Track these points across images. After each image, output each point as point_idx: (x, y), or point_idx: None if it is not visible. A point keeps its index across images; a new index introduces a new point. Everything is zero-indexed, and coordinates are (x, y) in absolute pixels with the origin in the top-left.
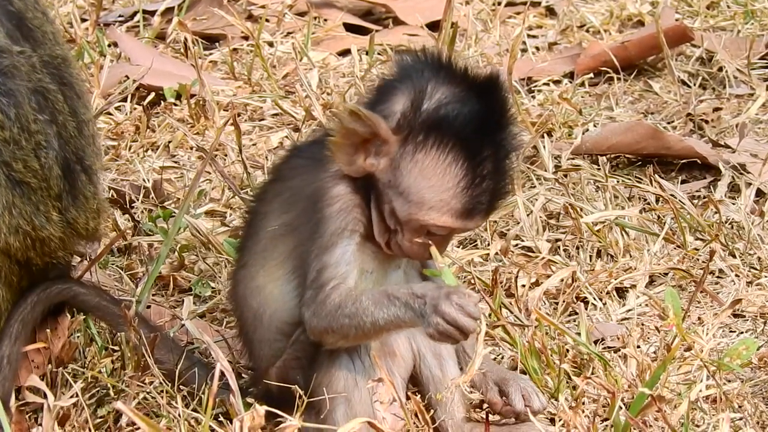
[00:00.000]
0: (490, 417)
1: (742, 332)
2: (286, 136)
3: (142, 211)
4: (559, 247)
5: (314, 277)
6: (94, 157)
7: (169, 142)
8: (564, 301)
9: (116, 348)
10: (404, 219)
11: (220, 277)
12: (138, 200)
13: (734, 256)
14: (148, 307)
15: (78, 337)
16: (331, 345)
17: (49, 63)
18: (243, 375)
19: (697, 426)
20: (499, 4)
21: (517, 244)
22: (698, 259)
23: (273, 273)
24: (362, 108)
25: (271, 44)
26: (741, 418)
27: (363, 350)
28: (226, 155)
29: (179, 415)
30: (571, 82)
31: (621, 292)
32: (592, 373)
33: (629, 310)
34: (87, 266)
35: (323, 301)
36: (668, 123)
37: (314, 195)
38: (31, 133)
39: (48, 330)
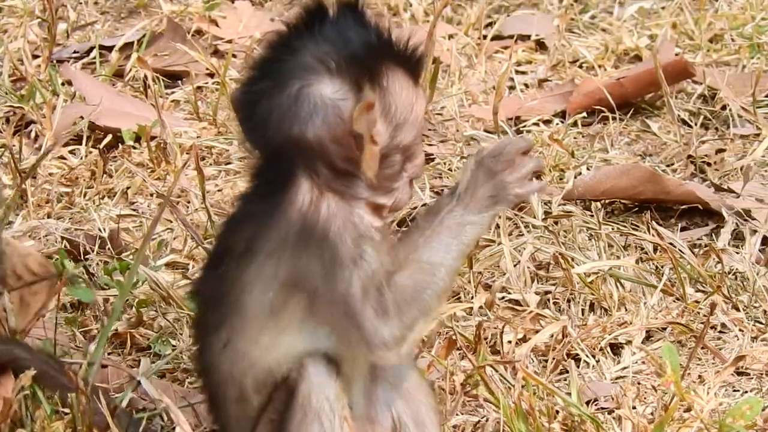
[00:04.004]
0: None
1: (746, 391)
2: None
3: (98, 264)
4: (548, 300)
5: (362, 296)
6: None
7: (128, 188)
8: (554, 359)
9: (68, 411)
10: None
11: (181, 334)
12: (93, 251)
13: (738, 310)
14: (105, 366)
15: (22, 398)
16: (403, 349)
17: None
18: None
19: None
20: (485, 37)
21: (503, 297)
22: (699, 313)
23: (277, 341)
24: None
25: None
26: None
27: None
28: (189, 202)
29: None
30: (562, 122)
31: (615, 348)
32: None
33: (624, 368)
34: (29, 320)
35: (394, 301)
36: (667, 165)
37: (302, 232)
38: None
39: None
